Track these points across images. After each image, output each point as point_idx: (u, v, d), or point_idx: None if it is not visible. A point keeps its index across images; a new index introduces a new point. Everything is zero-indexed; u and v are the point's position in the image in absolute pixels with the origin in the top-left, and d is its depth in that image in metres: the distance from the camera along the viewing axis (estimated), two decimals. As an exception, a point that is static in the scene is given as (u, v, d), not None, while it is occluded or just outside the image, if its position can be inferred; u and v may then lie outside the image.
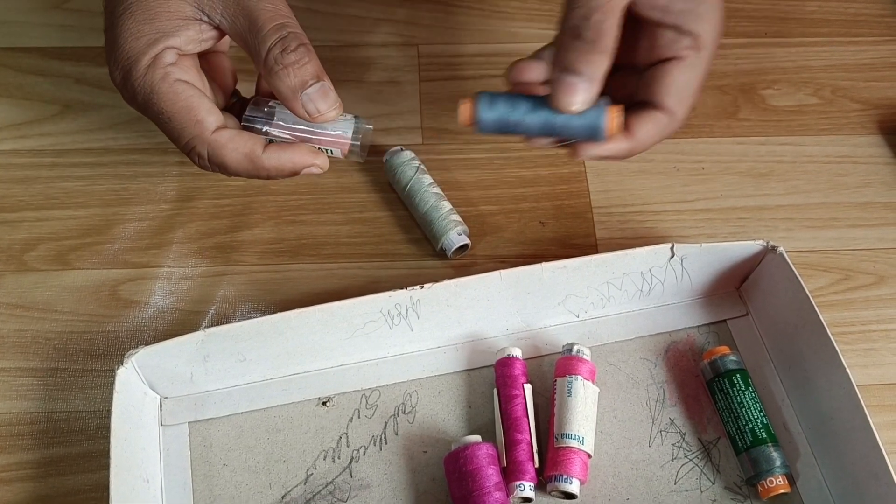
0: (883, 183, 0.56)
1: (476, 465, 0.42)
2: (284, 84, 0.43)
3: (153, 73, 0.42)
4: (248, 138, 0.44)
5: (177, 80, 0.43)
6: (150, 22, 0.42)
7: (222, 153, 0.44)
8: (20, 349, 0.48)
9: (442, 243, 0.50)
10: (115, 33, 0.43)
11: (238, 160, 0.44)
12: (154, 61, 0.42)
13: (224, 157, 0.44)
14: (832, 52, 0.62)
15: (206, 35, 0.44)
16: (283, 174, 0.45)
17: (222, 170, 0.45)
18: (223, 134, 0.44)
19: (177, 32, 0.43)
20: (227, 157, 0.44)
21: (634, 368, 0.48)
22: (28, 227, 0.52)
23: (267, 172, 0.45)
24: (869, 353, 0.50)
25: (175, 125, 0.43)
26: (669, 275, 0.48)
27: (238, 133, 0.44)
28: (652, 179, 0.56)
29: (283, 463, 0.45)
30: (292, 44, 0.43)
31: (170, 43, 0.43)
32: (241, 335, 0.44)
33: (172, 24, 0.43)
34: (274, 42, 0.42)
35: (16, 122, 0.56)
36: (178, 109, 0.43)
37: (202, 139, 0.43)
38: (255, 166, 0.44)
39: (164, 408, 0.46)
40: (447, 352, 0.48)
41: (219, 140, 0.43)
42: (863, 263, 0.53)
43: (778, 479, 0.43)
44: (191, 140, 0.43)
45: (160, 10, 0.43)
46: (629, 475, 0.45)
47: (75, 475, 0.45)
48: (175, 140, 0.44)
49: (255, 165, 0.44)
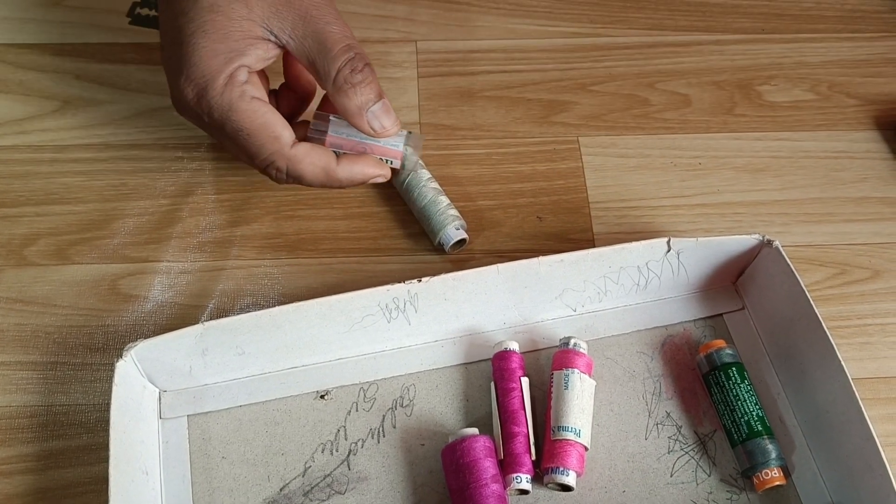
0: (879, 178, 0.57)
1: (473, 457, 0.42)
2: (353, 102, 0.46)
3: (231, 91, 0.44)
4: (322, 152, 0.47)
5: (253, 98, 0.45)
6: (224, 41, 0.44)
7: (300, 167, 0.46)
8: (20, 343, 0.48)
9: (440, 238, 0.51)
10: (188, 51, 0.44)
11: (315, 173, 0.47)
12: (231, 80, 0.44)
13: (302, 170, 0.46)
14: (829, 48, 0.63)
15: (271, 54, 0.46)
16: (354, 184, 0.48)
17: (298, 181, 0.47)
18: (300, 149, 0.46)
19: (248, 51, 0.45)
20: (305, 171, 0.46)
21: (631, 362, 0.48)
22: (28, 222, 0.52)
23: (340, 183, 0.48)
24: (864, 346, 0.50)
25: (254, 141, 0.45)
26: (666, 269, 0.48)
27: (313, 147, 0.47)
28: (649, 175, 0.56)
29: (281, 456, 0.45)
30: (359, 65, 0.45)
31: (243, 62, 0.45)
32: (240, 329, 0.44)
33: (244, 42, 0.45)
34: (343, 63, 0.45)
35: (16, 117, 0.56)
36: (257, 127, 0.45)
37: (282, 154, 0.46)
38: (330, 178, 0.47)
39: (163, 401, 0.46)
40: (445, 345, 0.48)
41: (297, 155, 0.46)
42: (859, 258, 0.53)
43: (773, 472, 0.43)
44: (270, 155, 0.46)
45: (233, 30, 0.44)
46: (625, 468, 0.45)
47: (75, 468, 0.45)
48: (253, 156, 0.46)
49: (330, 178, 0.47)
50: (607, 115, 0.59)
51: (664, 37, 0.63)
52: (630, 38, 0.63)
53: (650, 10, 0.64)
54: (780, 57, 0.62)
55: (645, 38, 0.63)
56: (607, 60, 0.61)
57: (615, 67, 0.61)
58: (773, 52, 0.62)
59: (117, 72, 0.59)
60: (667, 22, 0.64)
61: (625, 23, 0.63)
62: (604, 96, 0.60)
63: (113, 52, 0.60)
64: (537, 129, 0.58)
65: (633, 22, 0.64)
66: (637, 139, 0.58)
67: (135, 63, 0.59)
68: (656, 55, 0.62)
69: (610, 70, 0.61)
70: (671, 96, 0.60)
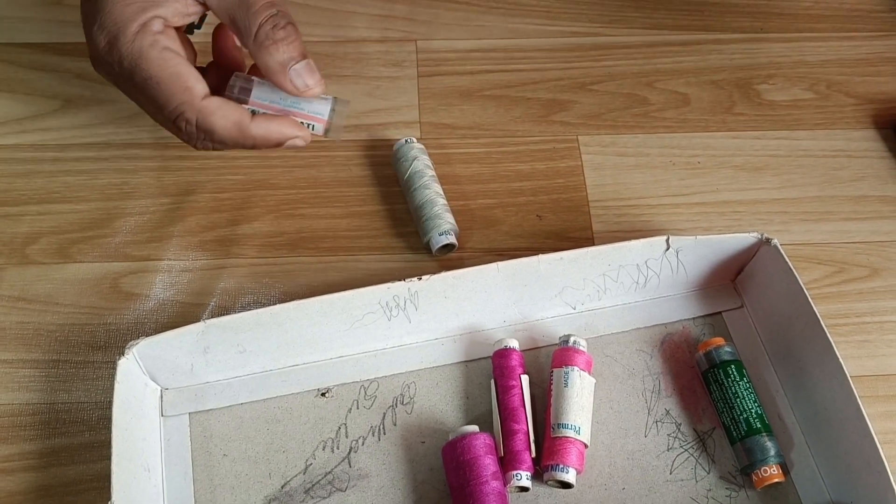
0: (877, 177, 0.57)
1: (473, 454, 0.42)
2: (274, 59, 0.44)
3: (142, 40, 0.43)
4: (235, 107, 0.45)
5: (165, 48, 0.43)
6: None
7: (211, 119, 0.44)
8: (22, 341, 0.48)
9: (428, 239, 0.51)
10: (103, 1, 0.43)
11: (226, 127, 0.45)
12: (143, 28, 0.43)
13: (213, 123, 0.44)
14: (828, 47, 0.63)
15: (191, 10, 0.44)
16: (269, 144, 0.46)
17: (209, 136, 0.45)
18: (212, 101, 0.44)
19: (165, 3, 0.43)
20: (216, 124, 0.44)
21: (630, 360, 0.48)
22: (30, 221, 0.52)
23: (253, 141, 0.46)
24: (863, 344, 0.50)
25: (163, 91, 0.43)
26: (665, 267, 0.48)
27: (226, 101, 0.45)
28: (648, 173, 0.56)
29: (282, 453, 0.45)
30: (282, 21, 0.44)
31: (158, 12, 0.43)
32: (241, 326, 0.45)
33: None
34: (265, 19, 0.43)
35: (17, 116, 0.56)
36: (167, 76, 0.43)
37: (191, 105, 0.44)
38: (243, 134, 0.45)
39: (164, 398, 0.46)
40: (445, 343, 0.48)
41: (208, 107, 0.44)
42: (857, 256, 0.53)
43: (772, 469, 0.44)
44: (179, 106, 0.44)
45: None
46: (625, 465, 0.45)
47: (77, 465, 0.45)
48: (161, 107, 0.44)
49: (242, 134, 0.45)
50: (606, 114, 0.59)
51: (663, 36, 0.63)
52: (629, 38, 0.63)
53: (649, 10, 0.64)
54: (779, 56, 0.62)
55: (644, 38, 0.63)
56: (606, 60, 0.62)
57: (614, 67, 0.61)
58: (771, 52, 0.63)
59: (118, 71, 0.59)
60: (666, 21, 0.64)
61: (624, 22, 0.64)
62: (603, 95, 0.60)
63: (114, 52, 0.60)
64: (537, 128, 0.58)
65: (632, 21, 0.64)
66: (636, 138, 0.58)
67: (136, 62, 0.59)
68: (655, 54, 0.62)
69: (609, 69, 0.61)
70: (670, 95, 0.60)
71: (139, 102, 0.46)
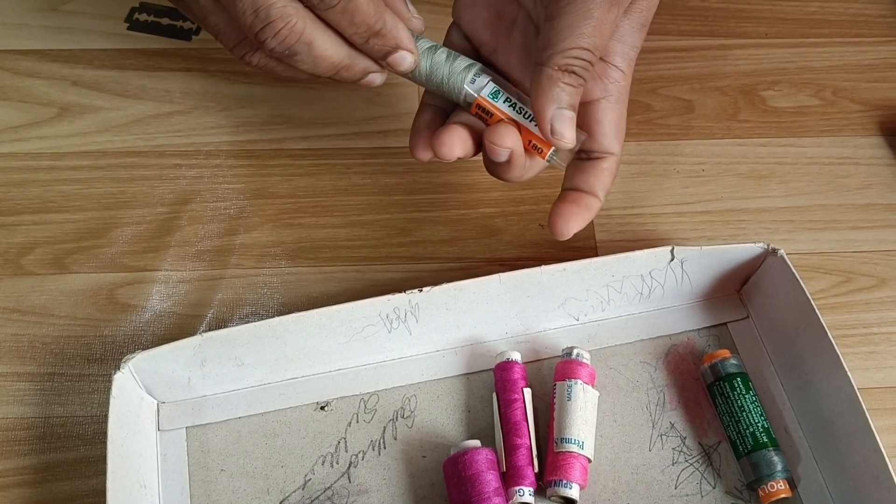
0: (884, 185, 0.56)
1: (475, 469, 0.42)
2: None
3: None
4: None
5: None
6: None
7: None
8: (17, 354, 0.48)
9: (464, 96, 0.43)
10: None
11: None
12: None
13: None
14: (833, 52, 0.62)
15: None
16: (379, 51, 0.41)
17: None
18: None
19: None
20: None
21: (634, 372, 0.48)
22: (25, 231, 0.52)
23: (383, 25, 0.40)
24: (870, 356, 0.49)
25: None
26: (669, 277, 0.48)
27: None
28: (651, 181, 0.56)
29: (281, 468, 0.44)
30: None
31: None
32: (239, 339, 0.44)
33: None
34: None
35: (13, 124, 0.56)
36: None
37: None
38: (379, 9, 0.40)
39: (161, 413, 0.45)
40: (446, 356, 0.48)
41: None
42: (864, 266, 0.53)
43: (779, 484, 0.43)
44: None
45: None
46: (629, 480, 0.45)
47: (72, 480, 0.44)
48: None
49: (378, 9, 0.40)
50: (610, 121, 0.58)
51: (666, 42, 0.62)
52: (632, 43, 0.62)
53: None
54: (784, 62, 0.62)
55: (647, 43, 0.62)
56: (609, 66, 0.61)
57: (617, 73, 0.61)
58: (776, 57, 0.62)
59: (115, 78, 0.58)
60: (669, 27, 0.63)
61: (627, 27, 0.63)
62: (606, 102, 0.59)
63: (111, 59, 0.59)
64: (539, 136, 0.57)
65: (636, 27, 0.63)
66: (639, 145, 0.57)
67: (133, 69, 0.59)
68: (658, 60, 0.61)
69: (612, 75, 0.60)
70: (674, 102, 0.59)
71: (211, 19, 0.41)
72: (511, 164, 0.42)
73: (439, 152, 0.42)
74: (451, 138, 0.42)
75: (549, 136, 0.40)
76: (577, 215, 0.44)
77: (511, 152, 0.41)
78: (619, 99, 0.44)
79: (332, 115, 0.58)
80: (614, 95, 0.44)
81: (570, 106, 0.40)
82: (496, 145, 0.41)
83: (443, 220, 0.54)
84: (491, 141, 0.41)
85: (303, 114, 0.58)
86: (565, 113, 0.40)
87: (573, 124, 0.41)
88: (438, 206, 0.54)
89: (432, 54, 0.43)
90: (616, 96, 0.44)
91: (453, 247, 0.53)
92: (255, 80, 0.59)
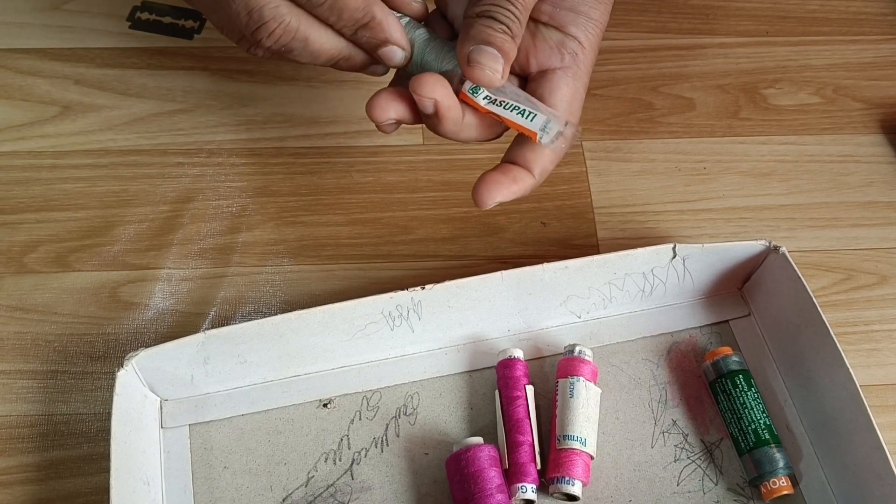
0: (885, 182, 0.56)
1: (478, 467, 0.42)
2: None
3: None
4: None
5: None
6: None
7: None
8: (20, 351, 0.48)
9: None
10: None
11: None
12: None
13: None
14: (834, 50, 0.62)
15: None
16: (376, 38, 0.41)
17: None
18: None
19: None
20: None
21: (636, 369, 0.48)
22: (28, 229, 0.52)
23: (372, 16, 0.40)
24: (872, 353, 0.49)
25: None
26: (671, 275, 0.48)
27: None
28: (653, 179, 0.56)
29: (283, 465, 0.45)
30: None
31: None
32: (242, 337, 0.44)
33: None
34: None
35: (15, 123, 0.56)
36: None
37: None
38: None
39: (164, 410, 0.46)
40: (448, 353, 0.48)
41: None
42: (865, 263, 0.53)
43: (781, 481, 0.43)
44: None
45: None
46: (631, 477, 0.45)
47: (75, 478, 0.44)
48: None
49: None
50: (611, 120, 0.58)
51: (667, 40, 0.62)
52: (633, 42, 0.62)
53: (653, 13, 0.64)
54: (785, 60, 0.62)
55: (648, 42, 0.62)
56: (610, 64, 0.61)
57: (618, 71, 0.61)
58: (777, 55, 0.62)
59: (117, 77, 0.58)
60: (670, 25, 0.63)
61: (628, 26, 0.63)
62: (607, 100, 0.59)
63: (113, 57, 0.59)
64: (541, 134, 0.57)
65: (636, 25, 0.63)
66: (641, 143, 0.57)
67: (135, 68, 0.59)
68: (660, 59, 0.61)
69: (613, 74, 0.60)
70: (675, 100, 0.59)
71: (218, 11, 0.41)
72: (440, 116, 0.40)
73: (371, 115, 0.41)
74: (384, 100, 0.41)
75: (466, 69, 0.39)
76: (501, 185, 0.42)
77: (436, 103, 0.39)
78: (576, 75, 0.42)
79: (334, 114, 0.58)
80: (571, 69, 0.42)
81: (490, 45, 0.39)
82: (419, 95, 0.39)
83: (444, 218, 0.54)
84: (414, 91, 0.39)
85: (304, 112, 0.58)
86: (484, 48, 0.39)
87: (498, 60, 0.39)
88: (440, 203, 0.54)
89: (425, 49, 0.42)
90: (574, 71, 0.42)
91: (455, 245, 0.53)
92: (257, 79, 0.59)
